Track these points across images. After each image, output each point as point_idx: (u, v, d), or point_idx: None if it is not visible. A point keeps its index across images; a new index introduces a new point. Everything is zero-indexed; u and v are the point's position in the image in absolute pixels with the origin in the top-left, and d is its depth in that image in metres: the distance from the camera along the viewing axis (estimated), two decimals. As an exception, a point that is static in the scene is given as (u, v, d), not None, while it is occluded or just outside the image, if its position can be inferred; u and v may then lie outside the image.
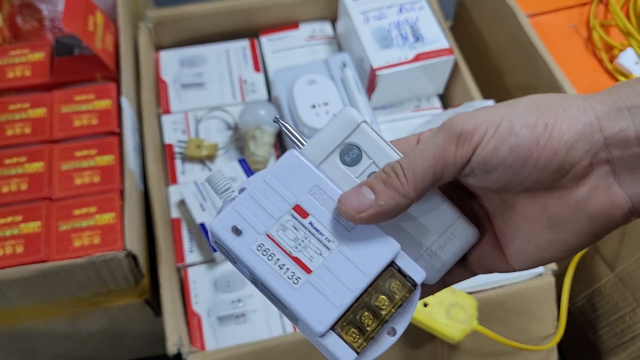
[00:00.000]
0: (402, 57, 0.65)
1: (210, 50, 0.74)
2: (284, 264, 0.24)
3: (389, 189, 0.23)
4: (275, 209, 0.24)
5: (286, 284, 0.23)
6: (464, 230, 0.25)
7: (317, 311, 0.23)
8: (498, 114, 0.22)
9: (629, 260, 0.58)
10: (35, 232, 0.54)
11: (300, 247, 0.24)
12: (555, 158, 0.22)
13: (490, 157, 0.22)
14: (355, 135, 0.25)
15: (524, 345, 0.53)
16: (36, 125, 0.60)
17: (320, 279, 0.23)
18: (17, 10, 0.72)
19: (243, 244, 0.24)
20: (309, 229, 0.24)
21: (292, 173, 0.25)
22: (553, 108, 0.22)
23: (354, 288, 0.23)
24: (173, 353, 0.51)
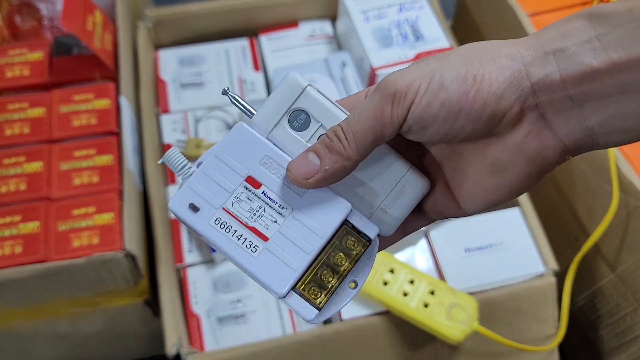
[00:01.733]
0: (403, 56, 0.65)
1: (209, 49, 0.74)
2: (242, 234, 0.25)
3: (333, 153, 0.24)
4: (229, 183, 0.25)
5: (245, 253, 0.25)
6: (414, 182, 0.26)
7: (277, 275, 0.25)
8: (430, 69, 0.23)
9: (629, 260, 0.58)
10: (34, 232, 0.54)
11: (255, 216, 0.25)
12: (486, 108, 0.22)
13: (424, 113, 0.23)
14: (301, 99, 0.26)
15: (524, 345, 0.53)
16: (35, 125, 0.60)
17: (277, 245, 0.25)
18: (16, 9, 0.72)
19: (201, 219, 0.25)
20: (263, 198, 0.25)
21: (242, 145, 0.25)
22: (482, 58, 0.23)
23: (309, 250, 0.25)
24: (172, 354, 0.51)
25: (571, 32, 0.22)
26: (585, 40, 0.21)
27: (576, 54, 0.21)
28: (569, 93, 0.22)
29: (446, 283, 0.52)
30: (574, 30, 0.22)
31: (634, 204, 0.55)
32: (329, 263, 0.25)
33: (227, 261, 0.60)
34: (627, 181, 0.55)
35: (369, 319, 0.51)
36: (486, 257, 0.55)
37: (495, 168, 0.24)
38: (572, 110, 0.22)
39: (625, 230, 0.57)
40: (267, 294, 0.58)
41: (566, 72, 0.21)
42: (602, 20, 0.21)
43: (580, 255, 0.59)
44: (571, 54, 0.21)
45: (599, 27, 0.21)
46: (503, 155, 0.23)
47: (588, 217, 0.63)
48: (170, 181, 0.65)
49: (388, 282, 0.51)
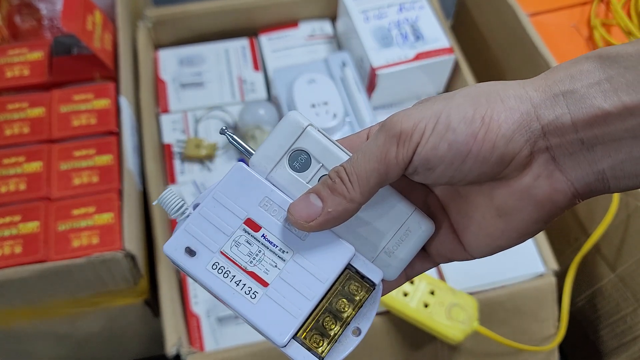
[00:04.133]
0: (403, 56, 0.65)
1: (209, 49, 0.74)
2: (240, 279, 0.24)
3: (336, 195, 0.23)
4: (227, 225, 0.24)
5: (244, 299, 0.24)
6: (419, 224, 0.25)
7: (277, 324, 0.23)
8: (436, 109, 0.22)
9: (630, 260, 0.58)
10: (34, 232, 0.54)
11: (255, 261, 0.24)
12: (495, 151, 0.22)
13: (430, 155, 0.22)
14: (302, 139, 0.25)
15: (525, 346, 0.53)
16: (35, 124, 0.60)
17: (277, 291, 0.24)
18: (16, 9, 0.72)
19: (198, 264, 0.24)
20: (262, 242, 0.24)
21: (241, 186, 0.24)
22: (490, 98, 0.22)
23: (311, 297, 0.24)
24: (172, 354, 0.51)
25: (580, 73, 0.21)
26: (595, 82, 0.21)
27: (586, 97, 0.21)
28: (580, 136, 0.21)
29: (446, 283, 0.52)
30: (584, 71, 0.21)
31: (634, 204, 0.55)
32: (332, 309, 0.24)
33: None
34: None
35: (369, 319, 0.51)
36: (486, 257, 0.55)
37: (502, 212, 0.23)
38: (582, 153, 0.21)
39: (625, 231, 0.57)
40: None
41: (577, 115, 0.21)
42: (612, 62, 0.21)
43: (580, 256, 0.59)
44: (581, 96, 0.21)
45: (609, 69, 0.21)
46: (510, 199, 0.23)
47: (588, 217, 0.63)
48: (170, 181, 0.65)
49: (388, 282, 0.51)
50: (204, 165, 0.66)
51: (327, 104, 0.62)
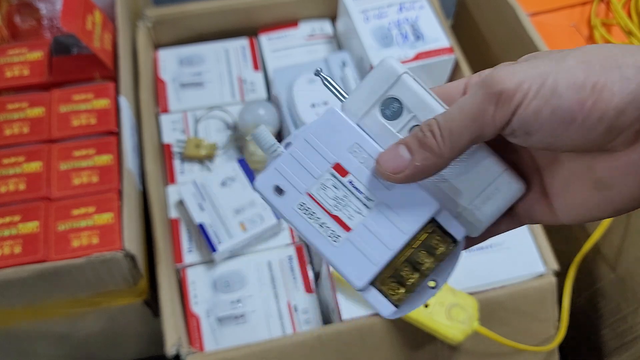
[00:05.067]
0: (403, 56, 0.65)
1: (209, 49, 0.74)
2: (324, 222, 0.24)
3: (425, 149, 0.23)
4: (316, 168, 0.25)
5: (326, 241, 0.24)
6: (509, 184, 0.25)
7: (356, 268, 0.24)
8: (543, 70, 0.21)
9: (630, 260, 0.58)
10: (34, 232, 0.54)
11: (340, 205, 0.24)
12: (603, 122, 0.20)
13: (531, 119, 0.21)
14: (396, 87, 0.24)
15: (525, 346, 0.53)
16: (34, 124, 0.60)
17: (360, 237, 0.24)
18: (16, 9, 0.72)
19: (285, 203, 0.25)
20: (349, 187, 0.24)
21: (333, 130, 0.25)
22: (606, 64, 0.20)
23: (392, 246, 0.24)
24: (172, 354, 0.51)
25: None
26: None
27: None
28: None
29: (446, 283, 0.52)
30: None
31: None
32: (411, 260, 0.24)
33: (227, 261, 0.60)
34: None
35: (369, 319, 0.51)
36: (486, 257, 0.55)
37: (601, 185, 0.22)
38: None
39: (626, 231, 0.57)
40: (267, 294, 0.58)
41: None
42: None
43: (580, 255, 0.59)
44: None
45: None
46: (613, 173, 0.22)
47: (588, 217, 0.63)
48: (170, 181, 0.65)
49: (388, 282, 0.51)
50: (203, 165, 0.66)
51: (327, 103, 0.62)
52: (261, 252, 0.61)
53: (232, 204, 0.61)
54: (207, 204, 0.61)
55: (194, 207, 0.60)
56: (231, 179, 0.62)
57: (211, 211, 0.60)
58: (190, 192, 0.61)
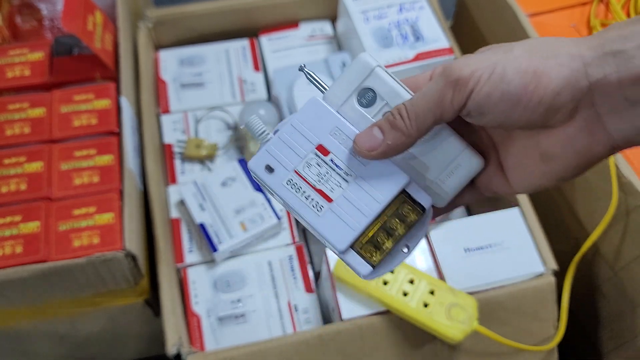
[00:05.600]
0: (403, 56, 0.65)
1: (209, 49, 0.74)
2: (309, 195, 0.28)
3: (395, 129, 0.26)
4: (301, 149, 0.28)
5: (312, 212, 0.28)
6: (469, 160, 0.29)
7: (338, 233, 0.27)
8: (494, 60, 0.25)
9: (629, 259, 0.58)
10: (35, 232, 0.54)
11: (322, 180, 0.28)
12: (543, 103, 0.24)
13: (483, 102, 0.25)
14: (370, 79, 0.28)
15: (524, 345, 0.53)
16: (35, 125, 0.60)
17: (340, 207, 0.28)
18: (17, 9, 0.72)
19: (275, 180, 0.28)
20: (330, 165, 0.28)
21: (315, 117, 0.28)
22: (545, 53, 0.24)
23: (368, 214, 0.28)
24: (172, 353, 0.51)
25: (632, 34, 0.23)
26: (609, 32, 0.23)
27: (635, 57, 0.22)
28: (625, 94, 0.23)
29: (446, 283, 0.52)
30: (635, 32, 0.23)
31: (634, 203, 0.56)
32: (385, 227, 0.28)
33: (228, 261, 0.60)
34: (627, 181, 0.56)
35: (369, 318, 0.51)
36: (486, 257, 0.55)
37: (545, 157, 0.26)
38: (626, 110, 0.23)
39: (625, 230, 0.58)
40: (268, 293, 0.58)
41: (624, 74, 0.22)
42: None
43: (579, 255, 0.59)
44: (630, 56, 0.22)
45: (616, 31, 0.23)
46: (554, 146, 0.25)
47: (588, 217, 0.63)
48: (170, 181, 0.65)
49: (388, 281, 0.51)
50: (204, 165, 0.66)
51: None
52: (262, 251, 0.61)
53: (233, 204, 0.61)
54: (208, 204, 0.61)
55: (194, 207, 0.61)
56: (232, 179, 0.62)
57: (212, 211, 0.60)
58: (190, 192, 0.61)
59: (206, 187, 0.62)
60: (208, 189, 0.62)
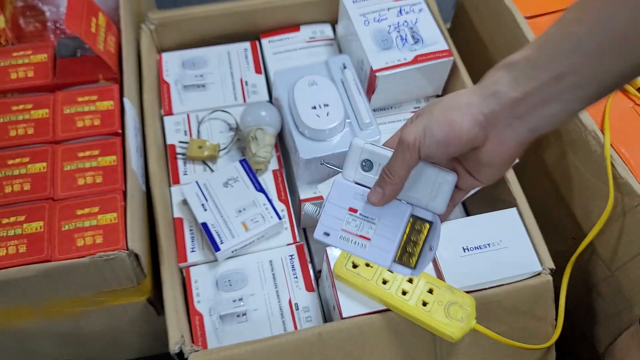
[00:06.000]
0: (402, 58, 0.66)
1: (211, 52, 0.75)
2: (356, 240, 0.41)
3: (387, 184, 0.39)
4: (340, 214, 0.41)
5: (361, 249, 0.40)
6: (445, 178, 0.39)
7: (381, 257, 0.40)
8: (424, 124, 0.36)
9: (626, 259, 0.59)
10: (38, 232, 0.54)
11: (359, 228, 0.40)
12: (463, 139, 0.35)
13: (429, 151, 0.36)
14: (364, 153, 0.40)
15: (522, 344, 0.53)
16: (39, 126, 0.61)
17: (377, 241, 0.40)
18: (20, 11, 0.72)
19: (333, 239, 0.41)
20: (361, 217, 0.40)
21: (341, 191, 0.41)
22: (452, 109, 0.35)
23: (395, 238, 0.40)
24: (175, 352, 0.51)
25: (499, 79, 0.34)
26: (507, 83, 0.34)
27: (505, 92, 0.34)
28: (510, 114, 0.34)
29: (445, 282, 0.53)
30: (499, 77, 0.34)
31: (631, 204, 0.56)
32: (411, 240, 0.40)
33: (230, 260, 0.61)
34: (624, 182, 0.56)
35: (369, 317, 0.52)
36: (484, 257, 0.55)
37: (487, 163, 0.37)
38: (516, 122, 0.34)
39: (622, 230, 0.58)
40: (269, 292, 0.59)
41: (503, 104, 0.34)
42: (512, 68, 0.33)
43: (576, 254, 0.60)
44: (503, 93, 0.34)
45: (512, 72, 0.33)
46: (486, 156, 0.36)
47: (585, 217, 0.63)
48: (173, 182, 0.65)
49: (387, 280, 0.52)
50: (206, 166, 0.67)
51: (328, 105, 0.63)
52: (263, 251, 0.62)
53: (235, 204, 0.62)
54: (210, 204, 0.61)
55: (197, 207, 0.61)
56: (234, 180, 0.63)
57: (214, 211, 0.61)
58: (193, 192, 0.62)
59: (208, 187, 0.63)
60: (210, 189, 0.62)
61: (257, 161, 0.65)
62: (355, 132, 0.63)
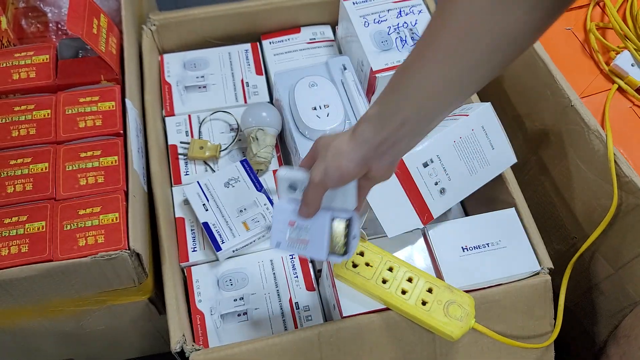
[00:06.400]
0: (401, 59, 0.66)
1: (213, 53, 0.75)
2: (299, 244, 0.48)
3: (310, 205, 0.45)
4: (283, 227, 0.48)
5: (304, 250, 0.48)
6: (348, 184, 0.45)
7: (318, 253, 0.47)
8: (322, 167, 0.42)
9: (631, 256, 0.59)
10: (40, 231, 0.55)
11: (299, 234, 0.47)
12: (352, 176, 0.42)
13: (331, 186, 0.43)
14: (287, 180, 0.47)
15: (521, 343, 0.54)
16: (41, 126, 0.61)
17: (312, 241, 0.47)
18: (22, 12, 0.73)
19: (283, 246, 0.48)
20: (298, 228, 0.48)
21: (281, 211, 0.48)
22: (340, 155, 0.41)
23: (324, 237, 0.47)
24: (176, 350, 0.52)
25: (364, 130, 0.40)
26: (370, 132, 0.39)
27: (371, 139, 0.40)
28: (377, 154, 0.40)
29: (444, 281, 0.53)
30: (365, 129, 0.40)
31: (635, 202, 0.56)
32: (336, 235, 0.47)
33: (231, 259, 0.61)
34: (628, 180, 0.56)
35: (369, 316, 0.52)
36: (483, 256, 0.56)
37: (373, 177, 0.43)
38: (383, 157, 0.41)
39: (627, 229, 0.58)
40: (269, 292, 0.59)
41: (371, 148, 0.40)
42: (370, 121, 0.39)
43: (578, 254, 0.60)
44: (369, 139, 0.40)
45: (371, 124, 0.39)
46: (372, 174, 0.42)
47: (586, 216, 0.63)
48: (175, 182, 0.66)
49: (387, 280, 0.52)
50: (208, 166, 0.67)
51: (328, 106, 0.63)
52: (264, 250, 0.62)
53: (236, 204, 0.62)
54: (211, 204, 0.62)
55: (198, 207, 0.62)
56: (235, 180, 0.63)
57: (215, 211, 0.61)
58: (194, 192, 0.62)
59: (209, 187, 0.63)
60: (211, 189, 0.63)
61: (258, 161, 0.65)
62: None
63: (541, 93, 0.66)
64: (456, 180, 0.57)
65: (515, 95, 0.72)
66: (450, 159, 0.57)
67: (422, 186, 0.56)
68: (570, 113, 0.62)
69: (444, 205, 0.57)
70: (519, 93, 0.71)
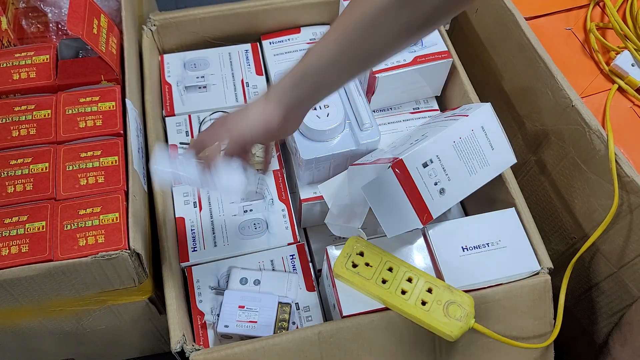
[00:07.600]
0: (401, 60, 0.66)
1: (213, 53, 0.75)
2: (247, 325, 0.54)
3: None
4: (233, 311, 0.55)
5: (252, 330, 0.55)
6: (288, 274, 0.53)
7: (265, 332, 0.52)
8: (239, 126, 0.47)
9: (633, 255, 0.59)
10: (40, 231, 0.55)
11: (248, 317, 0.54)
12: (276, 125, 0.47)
13: None
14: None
15: (521, 343, 0.54)
16: (41, 126, 0.61)
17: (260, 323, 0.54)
18: (22, 13, 0.73)
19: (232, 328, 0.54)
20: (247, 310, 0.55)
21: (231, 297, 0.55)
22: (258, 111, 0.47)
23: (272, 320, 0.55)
24: (176, 350, 0.52)
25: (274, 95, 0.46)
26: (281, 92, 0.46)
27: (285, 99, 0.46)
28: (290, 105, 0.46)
29: (444, 281, 0.53)
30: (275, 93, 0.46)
31: (636, 201, 0.56)
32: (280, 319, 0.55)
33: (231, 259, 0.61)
34: (630, 180, 0.56)
35: (369, 315, 0.52)
36: (483, 256, 0.56)
37: None
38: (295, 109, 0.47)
39: (630, 228, 0.58)
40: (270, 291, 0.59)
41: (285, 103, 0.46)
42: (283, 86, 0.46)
43: (579, 254, 0.60)
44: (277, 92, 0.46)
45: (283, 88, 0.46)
46: None
47: (586, 216, 0.63)
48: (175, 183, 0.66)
49: (387, 280, 0.52)
50: (207, 166, 0.67)
51: (328, 106, 0.63)
52: (264, 250, 0.62)
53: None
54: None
55: None
56: (234, 180, 0.64)
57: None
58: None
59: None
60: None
61: (257, 161, 0.65)
62: (355, 132, 0.63)
63: (541, 93, 0.66)
64: (456, 181, 0.57)
65: (515, 95, 0.72)
66: (450, 159, 0.57)
67: (422, 186, 0.56)
68: (571, 113, 0.62)
69: (444, 206, 0.57)
70: (519, 93, 0.71)
